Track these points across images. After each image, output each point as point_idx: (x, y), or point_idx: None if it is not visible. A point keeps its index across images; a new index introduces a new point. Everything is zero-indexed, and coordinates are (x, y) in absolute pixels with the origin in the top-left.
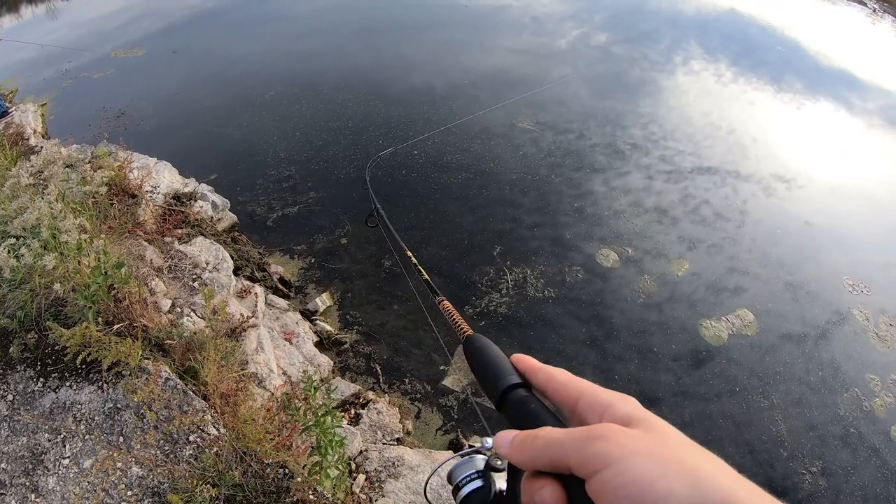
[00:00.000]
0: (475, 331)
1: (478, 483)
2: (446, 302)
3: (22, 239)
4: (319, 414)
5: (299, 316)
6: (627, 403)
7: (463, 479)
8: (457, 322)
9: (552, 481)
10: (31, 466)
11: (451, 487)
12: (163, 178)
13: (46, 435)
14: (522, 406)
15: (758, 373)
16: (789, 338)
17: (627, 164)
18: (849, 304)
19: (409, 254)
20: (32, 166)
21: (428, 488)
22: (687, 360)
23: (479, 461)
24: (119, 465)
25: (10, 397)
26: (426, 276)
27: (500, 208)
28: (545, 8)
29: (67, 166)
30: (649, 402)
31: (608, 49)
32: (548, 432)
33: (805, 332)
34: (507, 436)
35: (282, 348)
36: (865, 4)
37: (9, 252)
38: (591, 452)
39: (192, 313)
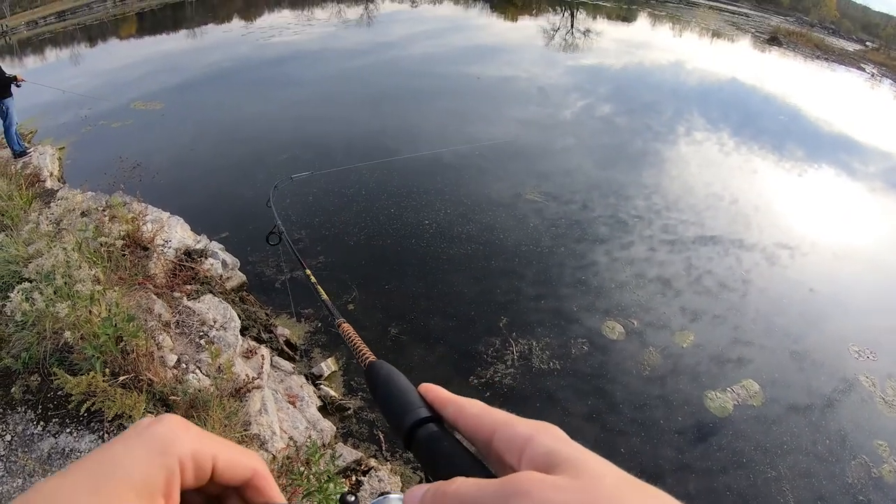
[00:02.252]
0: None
1: None
2: (346, 325)
3: (35, 283)
4: (322, 480)
5: (304, 379)
6: (549, 436)
7: None
8: (357, 347)
9: None
10: None
11: None
12: (175, 233)
13: (43, 479)
14: (433, 444)
15: (764, 444)
16: (796, 408)
17: (631, 235)
18: (855, 371)
19: (308, 272)
20: (52, 213)
21: None
22: (692, 432)
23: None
24: None
25: (8, 437)
26: (325, 296)
27: (506, 279)
28: (551, 80)
29: (83, 214)
30: (654, 477)
31: (611, 120)
32: (457, 488)
33: (811, 401)
34: (417, 493)
35: (285, 411)
36: (864, 70)
37: (23, 296)
38: None
39: (198, 370)
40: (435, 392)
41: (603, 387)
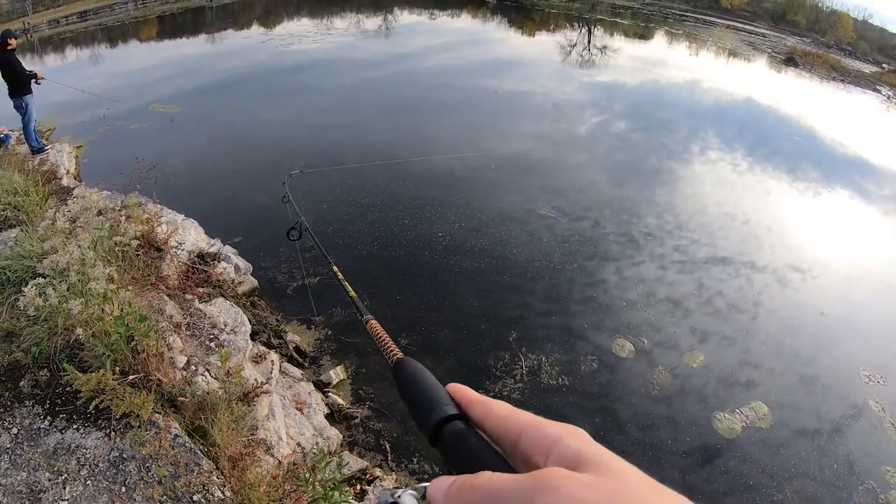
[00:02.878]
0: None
1: None
2: (374, 321)
3: (49, 279)
4: (328, 487)
5: (312, 387)
6: (576, 438)
7: None
8: (385, 344)
9: None
10: (28, 503)
11: None
12: (189, 236)
13: (47, 474)
14: (460, 441)
15: (772, 466)
16: (804, 431)
17: (642, 254)
18: (865, 396)
19: (335, 268)
20: (69, 211)
21: None
22: (699, 453)
23: (409, 498)
24: None
25: (14, 430)
26: (353, 293)
27: (516, 294)
28: (566, 95)
29: (99, 213)
30: None
31: (626, 137)
32: (485, 480)
33: (820, 425)
34: (442, 485)
35: (292, 417)
36: (880, 91)
37: (36, 291)
38: None
39: (207, 373)
40: (463, 392)
41: (611, 405)
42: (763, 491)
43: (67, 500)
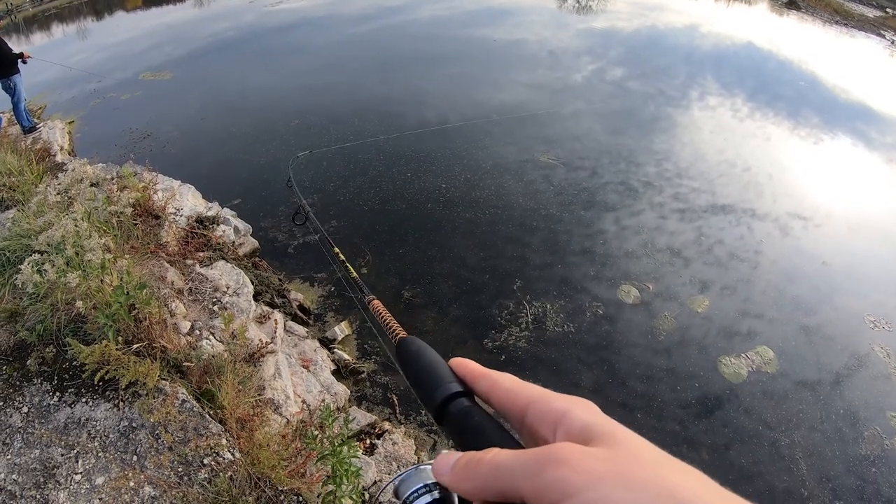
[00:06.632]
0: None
1: (427, 499)
2: (377, 301)
3: (46, 254)
4: (336, 443)
5: (317, 344)
6: (585, 410)
7: (411, 494)
8: (388, 324)
9: None
10: (42, 480)
11: None
12: (186, 201)
13: (60, 449)
14: (465, 418)
15: (778, 413)
16: (809, 377)
17: (640, 202)
18: (870, 341)
19: (336, 250)
20: (59, 184)
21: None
22: (705, 402)
23: (430, 473)
24: (132, 484)
25: (25, 409)
26: (355, 273)
27: (517, 244)
28: (561, 43)
29: (93, 185)
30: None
31: (623, 84)
32: (494, 456)
33: (825, 372)
34: (449, 460)
35: (299, 375)
36: (884, 36)
37: (33, 268)
38: (547, 481)
39: (212, 336)
40: (466, 366)
41: (619, 351)
42: (770, 436)
43: (81, 472)
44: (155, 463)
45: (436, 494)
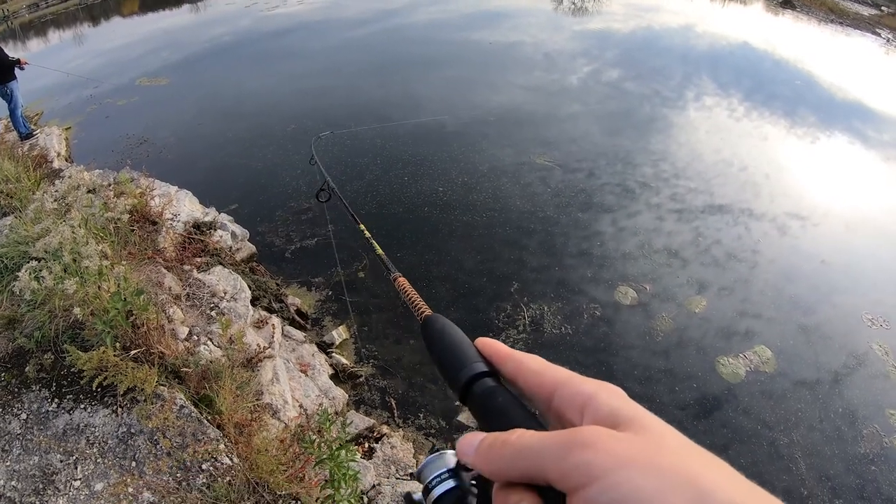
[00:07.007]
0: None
1: (450, 483)
2: (402, 279)
3: (43, 261)
4: (334, 447)
5: (315, 348)
6: (612, 395)
7: (433, 479)
8: (413, 302)
9: (528, 494)
10: (41, 486)
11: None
12: (183, 207)
13: (59, 455)
14: (490, 399)
15: (777, 412)
16: (808, 376)
17: (637, 204)
18: (868, 340)
19: (362, 226)
20: (56, 191)
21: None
22: (707, 399)
23: (452, 458)
24: (131, 490)
25: (23, 416)
26: (380, 250)
27: (514, 247)
28: (557, 45)
29: (90, 191)
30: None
31: (619, 86)
32: (519, 437)
33: (824, 370)
34: (473, 440)
35: (297, 380)
36: (879, 35)
37: (30, 275)
38: (572, 464)
39: (209, 342)
40: (493, 346)
41: (616, 352)
42: (769, 436)
43: (80, 478)
44: (153, 468)
45: (452, 483)
